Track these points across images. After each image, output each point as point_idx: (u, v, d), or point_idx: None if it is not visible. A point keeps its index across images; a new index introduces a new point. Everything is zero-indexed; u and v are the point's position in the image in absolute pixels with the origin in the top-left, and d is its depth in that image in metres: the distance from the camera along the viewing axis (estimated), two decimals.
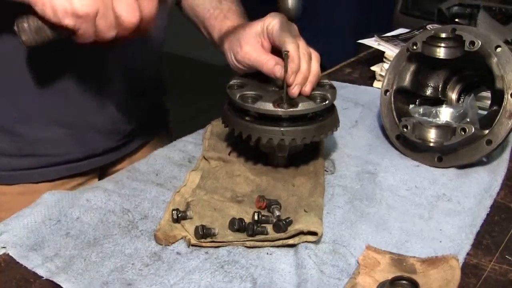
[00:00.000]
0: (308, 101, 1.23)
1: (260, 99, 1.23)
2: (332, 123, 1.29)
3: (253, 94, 1.26)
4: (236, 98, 1.25)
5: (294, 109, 1.21)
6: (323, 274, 1.01)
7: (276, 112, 1.21)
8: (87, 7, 1.00)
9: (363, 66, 2.02)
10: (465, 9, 2.40)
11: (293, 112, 1.21)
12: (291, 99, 1.23)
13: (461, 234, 1.14)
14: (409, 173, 1.35)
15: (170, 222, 1.12)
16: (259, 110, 1.22)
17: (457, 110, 1.42)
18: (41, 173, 1.40)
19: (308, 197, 1.21)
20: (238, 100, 1.24)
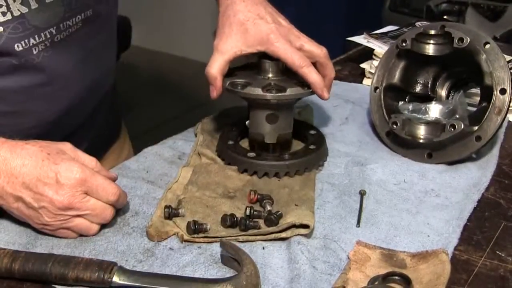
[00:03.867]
0: (296, 87, 1.26)
1: (250, 85, 1.26)
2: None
3: (242, 82, 1.28)
4: (226, 85, 1.28)
5: (283, 93, 1.24)
6: (315, 270, 1.01)
7: (264, 97, 1.24)
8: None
9: (352, 63, 2.02)
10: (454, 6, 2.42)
11: (280, 97, 1.25)
12: (279, 86, 1.27)
13: (449, 227, 1.14)
14: (398, 168, 1.35)
15: (161, 218, 1.12)
16: (248, 95, 1.25)
17: (447, 107, 1.42)
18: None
19: (299, 190, 1.22)
20: (228, 87, 1.28)
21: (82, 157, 1.11)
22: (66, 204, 1.04)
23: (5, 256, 0.97)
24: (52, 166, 1.04)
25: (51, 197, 1.03)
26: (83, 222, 1.07)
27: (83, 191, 1.05)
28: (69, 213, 1.05)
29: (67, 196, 1.03)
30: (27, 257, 0.97)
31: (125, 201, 1.14)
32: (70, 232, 1.09)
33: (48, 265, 0.96)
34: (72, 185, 1.04)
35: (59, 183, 1.03)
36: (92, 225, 1.09)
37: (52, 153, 1.06)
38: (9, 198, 1.05)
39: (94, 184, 1.06)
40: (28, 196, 1.03)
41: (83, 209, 1.06)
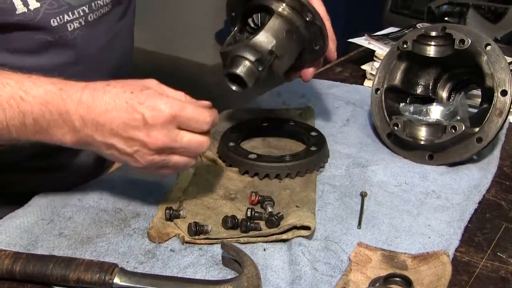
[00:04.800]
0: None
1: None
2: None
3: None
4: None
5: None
6: (316, 271, 1.02)
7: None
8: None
9: (353, 65, 2.02)
10: (455, 7, 2.42)
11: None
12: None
13: (449, 229, 1.14)
14: (399, 169, 1.36)
15: (162, 219, 1.12)
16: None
17: (448, 108, 1.42)
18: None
19: (300, 192, 1.22)
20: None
21: (168, 91, 1.04)
22: (160, 145, 0.99)
23: (6, 258, 0.97)
24: (138, 106, 0.98)
25: (143, 140, 0.99)
26: (181, 159, 1.04)
27: (176, 127, 1.00)
28: (165, 153, 1.02)
29: (160, 137, 0.99)
30: (28, 258, 0.97)
31: (217, 122, 1.08)
32: (170, 170, 1.06)
33: (49, 266, 0.96)
34: (162, 124, 0.98)
35: (147, 124, 0.98)
36: (190, 159, 1.05)
37: (136, 91, 0.99)
38: (102, 146, 1.02)
39: (185, 117, 1.00)
40: (119, 143, 1.00)
41: (179, 147, 1.02)
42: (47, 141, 1.03)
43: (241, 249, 1.01)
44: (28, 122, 0.99)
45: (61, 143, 1.03)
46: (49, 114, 0.99)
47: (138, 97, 0.99)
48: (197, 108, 1.03)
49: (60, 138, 1.02)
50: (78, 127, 1.00)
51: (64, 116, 0.99)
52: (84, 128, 1.00)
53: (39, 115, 0.99)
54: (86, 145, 1.04)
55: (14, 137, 1.02)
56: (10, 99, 0.98)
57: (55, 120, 0.99)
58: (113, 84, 1.01)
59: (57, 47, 1.19)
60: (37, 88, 0.99)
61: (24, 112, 0.99)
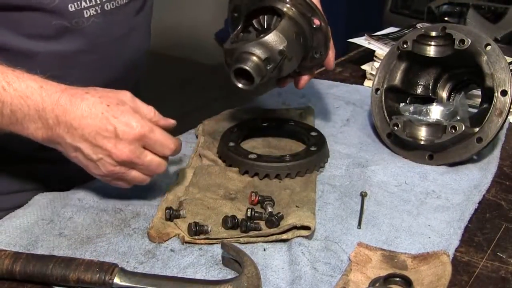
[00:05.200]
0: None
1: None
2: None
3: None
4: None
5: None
6: (316, 271, 1.02)
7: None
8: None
9: (353, 65, 2.02)
10: (455, 7, 2.42)
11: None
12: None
13: (449, 229, 1.14)
14: (399, 169, 1.36)
15: (162, 220, 1.12)
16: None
17: (448, 108, 1.42)
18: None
19: (300, 192, 1.22)
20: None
21: (141, 107, 1.11)
22: (124, 158, 1.06)
23: (6, 258, 0.97)
24: (112, 119, 1.04)
25: (110, 150, 1.05)
26: (138, 175, 1.11)
27: (141, 145, 1.07)
28: (125, 166, 1.08)
29: (126, 151, 1.05)
30: (28, 258, 0.97)
31: (179, 151, 1.15)
32: (124, 183, 1.12)
33: (49, 266, 0.96)
34: (131, 140, 1.05)
35: (118, 137, 1.04)
36: (146, 177, 1.12)
37: (112, 105, 1.06)
38: (69, 148, 1.07)
39: (152, 139, 1.07)
40: (87, 148, 1.05)
41: (140, 164, 1.08)
42: (20, 133, 1.08)
43: (241, 249, 1.01)
44: (6, 112, 1.04)
45: (33, 137, 1.08)
46: (26, 108, 1.04)
47: (113, 111, 1.05)
48: (164, 134, 1.11)
49: (32, 133, 1.07)
50: (51, 125, 1.05)
51: (40, 112, 1.04)
52: (57, 127, 1.05)
53: (17, 107, 1.04)
54: (54, 144, 1.08)
55: None
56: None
57: (31, 115, 1.04)
58: (91, 93, 1.07)
59: (72, 34, 1.20)
60: (20, 82, 1.04)
61: (4, 102, 1.04)
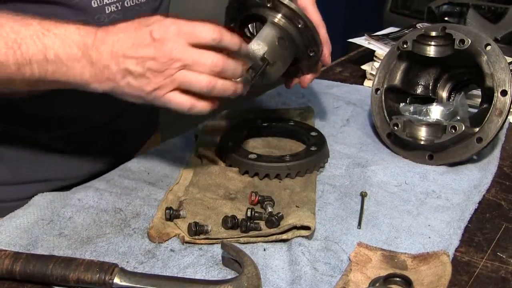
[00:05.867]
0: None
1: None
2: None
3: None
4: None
5: None
6: (316, 271, 1.02)
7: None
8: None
9: (353, 65, 2.02)
10: (455, 7, 2.42)
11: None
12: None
13: (449, 229, 1.14)
14: (399, 169, 1.36)
15: (162, 219, 1.12)
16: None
17: (448, 108, 1.42)
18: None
19: (300, 192, 1.22)
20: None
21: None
22: (168, 56, 1.03)
23: (6, 258, 0.97)
24: (144, 28, 1.03)
25: (153, 55, 1.03)
26: (192, 75, 1.06)
27: (185, 43, 1.04)
28: (173, 66, 1.04)
29: (168, 48, 1.03)
30: (28, 258, 0.97)
31: (229, 38, 1.09)
32: (182, 95, 1.07)
33: (49, 266, 0.96)
34: (170, 38, 1.03)
35: (155, 40, 1.03)
36: (201, 76, 1.06)
37: (142, 20, 1.05)
38: (117, 76, 1.05)
39: (189, 30, 1.04)
40: (132, 64, 1.03)
41: (186, 59, 1.04)
42: (66, 80, 1.06)
43: (241, 249, 1.01)
44: (49, 56, 1.03)
45: (80, 80, 1.06)
46: (68, 48, 1.03)
47: (144, 22, 1.05)
48: (201, 23, 1.06)
49: (79, 74, 1.05)
50: (95, 60, 1.03)
51: (82, 49, 1.03)
52: (101, 59, 1.04)
53: (60, 48, 1.03)
54: (104, 79, 1.06)
55: (35, 73, 1.04)
56: (34, 35, 1.02)
57: (74, 53, 1.03)
58: (121, 22, 1.06)
59: None
60: (58, 27, 1.04)
61: (46, 46, 1.02)
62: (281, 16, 1.24)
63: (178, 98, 1.07)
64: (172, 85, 1.06)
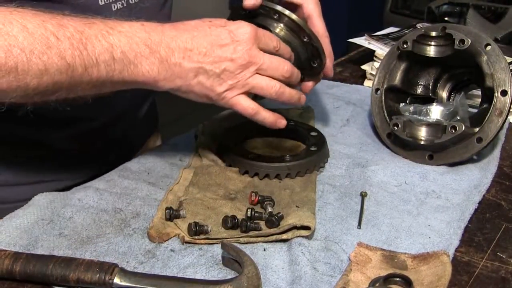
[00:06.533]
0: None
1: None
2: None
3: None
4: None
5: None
6: (316, 271, 1.02)
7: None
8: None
9: (353, 65, 2.02)
10: (455, 7, 2.42)
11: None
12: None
13: (449, 229, 1.14)
14: (399, 169, 1.36)
15: (162, 219, 1.12)
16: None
17: (448, 108, 1.42)
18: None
19: (300, 192, 1.22)
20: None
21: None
22: (246, 59, 1.04)
23: (6, 258, 0.97)
24: (221, 29, 1.04)
25: (231, 56, 1.03)
26: (263, 79, 1.08)
27: (257, 46, 1.06)
28: (249, 70, 1.05)
29: (246, 50, 1.04)
30: (28, 258, 0.97)
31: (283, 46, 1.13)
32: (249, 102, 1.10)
33: (49, 266, 0.96)
34: (248, 39, 1.04)
35: (234, 40, 1.03)
36: (272, 81, 1.09)
37: (214, 21, 1.06)
38: (189, 74, 1.05)
39: (264, 36, 1.07)
40: (208, 63, 1.04)
41: (261, 63, 1.06)
42: (134, 78, 1.05)
43: (241, 249, 1.01)
44: (116, 55, 1.01)
45: (149, 77, 1.05)
46: (136, 46, 1.02)
47: (217, 23, 1.05)
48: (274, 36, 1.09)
49: (148, 70, 1.04)
50: (165, 57, 1.03)
51: (150, 46, 1.03)
52: (171, 56, 1.03)
53: (127, 46, 1.02)
54: (173, 77, 1.05)
55: (102, 75, 1.02)
56: (98, 34, 1.01)
57: (142, 51, 1.02)
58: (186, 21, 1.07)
59: None
60: (121, 24, 1.03)
61: (113, 44, 1.01)
62: (286, 28, 1.23)
63: (245, 102, 1.09)
64: (244, 88, 1.07)
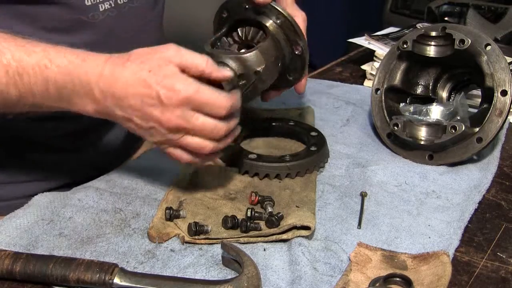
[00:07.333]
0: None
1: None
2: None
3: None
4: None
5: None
6: (316, 271, 1.02)
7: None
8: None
9: (353, 65, 2.02)
10: (455, 7, 2.42)
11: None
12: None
13: (449, 229, 1.14)
14: (399, 169, 1.36)
15: (162, 219, 1.12)
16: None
17: (448, 108, 1.42)
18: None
19: (300, 192, 1.22)
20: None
21: (188, 59, 1.03)
22: (173, 125, 1.02)
23: (6, 258, 0.97)
24: (154, 86, 0.99)
25: (158, 118, 1.01)
26: (194, 141, 1.05)
27: (190, 108, 1.02)
28: (178, 133, 1.04)
29: (173, 117, 1.01)
30: (28, 258, 0.97)
31: (237, 107, 1.10)
32: (183, 153, 1.08)
33: (49, 266, 0.96)
34: (176, 104, 1.00)
35: (162, 103, 1.00)
36: (205, 142, 1.06)
37: (154, 69, 1.00)
38: (121, 119, 1.05)
39: (200, 100, 1.01)
40: (137, 118, 1.02)
41: (191, 128, 1.03)
42: (70, 109, 1.06)
43: (241, 249, 1.01)
44: (51, 90, 1.02)
45: (84, 112, 1.06)
46: (71, 84, 1.02)
47: (156, 76, 1.00)
48: (214, 92, 1.03)
49: (82, 108, 1.05)
50: (99, 99, 1.02)
51: (85, 87, 1.02)
52: (104, 100, 1.02)
53: (62, 84, 1.02)
54: (107, 116, 1.06)
55: (38, 101, 1.04)
56: (36, 66, 1.01)
57: (77, 90, 1.02)
58: (133, 58, 1.02)
59: (87, 27, 1.22)
60: (61, 58, 1.02)
61: (48, 80, 1.01)
62: (283, 34, 1.22)
63: (178, 153, 1.09)
64: (175, 146, 1.08)
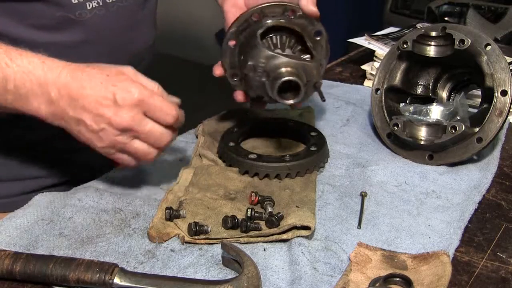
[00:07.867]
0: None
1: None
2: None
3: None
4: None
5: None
6: (316, 271, 1.02)
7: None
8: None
9: (353, 65, 2.02)
10: (455, 7, 2.41)
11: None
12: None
13: (449, 229, 1.14)
14: (399, 169, 1.36)
15: (162, 219, 1.12)
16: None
17: (448, 108, 1.42)
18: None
19: (300, 192, 1.22)
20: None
21: (143, 80, 1.10)
22: (125, 125, 1.05)
23: (6, 258, 0.97)
24: (110, 87, 1.05)
25: (110, 118, 1.05)
26: (142, 146, 1.10)
27: (142, 112, 1.07)
28: (128, 136, 1.07)
29: (126, 117, 1.05)
30: (28, 258, 0.97)
31: (182, 121, 1.14)
32: (129, 158, 1.12)
33: (49, 266, 0.96)
34: (130, 106, 1.05)
35: (117, 104, 1.04)
36: (150, 149, 1.11)
37: (111, 74, 1.06)
38: (71, 121, 1.07)
39: (152, 104, 1.07)
40: (88, 119, 1.05)
41: (141, 132, 1.07)
42: (24, 109, 1.08)
43: (241, 249, 1.01)
44: (10, 87, 1.05)
45: (36, 113, 1.08)
46: (29, 83, 1.05)
47: (112, 80, 1.06)
48: (165, 101, 1.10)
49: (36, 108, 1.07)
50: (54, 99, 1.05)
51: (42, 87, 1.05)
52: (59, 101, 1.05)
53: (20, 82, 1.05)
54: (58, 119, 1.08)
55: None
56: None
57: (34, 89, 1.05)
58: (92, 66, 1.08)
59: (76, 25, 1.22)
60: (22, 58, 1.05)
61: (7, 78, 1.04)
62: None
63: (125, 157, 1.13)
64: (121, 150, 1.11)
